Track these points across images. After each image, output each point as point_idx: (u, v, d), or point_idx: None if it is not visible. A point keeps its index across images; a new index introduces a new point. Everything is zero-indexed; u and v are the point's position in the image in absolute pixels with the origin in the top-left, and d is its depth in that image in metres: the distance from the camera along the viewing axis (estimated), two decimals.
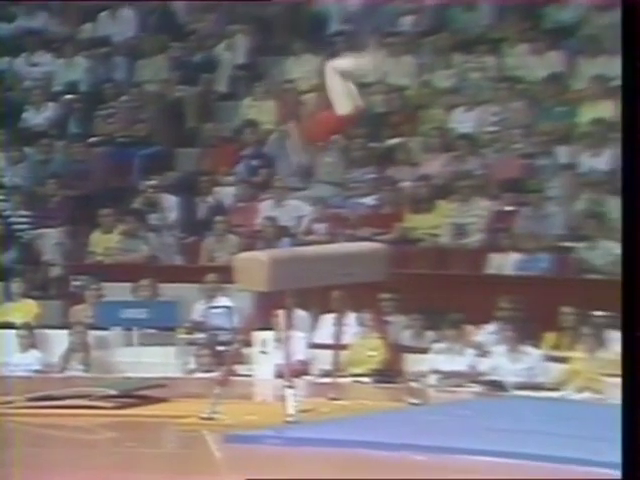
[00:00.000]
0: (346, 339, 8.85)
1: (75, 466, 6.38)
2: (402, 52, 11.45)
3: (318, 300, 9.01)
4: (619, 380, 8.17)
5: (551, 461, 6.53)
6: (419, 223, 10.18)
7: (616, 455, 6.54)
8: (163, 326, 9.60)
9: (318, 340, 9.26)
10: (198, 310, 9.87)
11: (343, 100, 6.77)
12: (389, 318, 9.04)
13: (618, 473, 6.25)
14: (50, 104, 12.07)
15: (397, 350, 8.57)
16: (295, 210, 10.58)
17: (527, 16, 11.29)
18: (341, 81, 6.79)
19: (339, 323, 8.47)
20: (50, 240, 10.93)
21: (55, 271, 10.72)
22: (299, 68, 11.75)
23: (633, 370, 3.76)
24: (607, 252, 9.42)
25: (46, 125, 11.96)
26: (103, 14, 12.59)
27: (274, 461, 6.73)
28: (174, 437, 7.51)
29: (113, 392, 7.87)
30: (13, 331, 9.86)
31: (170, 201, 11.03)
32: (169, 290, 9.89)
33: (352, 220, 10.30)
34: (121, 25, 12.53)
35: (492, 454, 6.65)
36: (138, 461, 6.71)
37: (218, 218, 10.61)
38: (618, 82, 10.60)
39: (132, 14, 12.52)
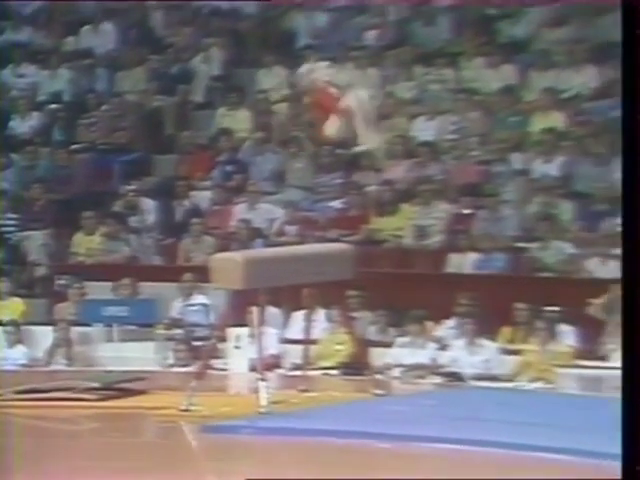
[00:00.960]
0: (315, 334, 8.85)
1: (59, 455, 6.33)
2: (367, 65, 11.45)
3: (289, 298, 8.99)
4: (569, 371, 8.28)
5: (507, 447, 6.56)
6: (384, 225, 10.19)
7: (570, 441, 6.58)
8: (142, 323, 9.55)
9: (289, 335, 9.25)
10: (176, 307, 9.83)
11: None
12: (356, 314, 9.04)
13: (573, 458, 6.28)
14: (35, 113, 11.99)
15: (363, 344, 8.57)
16: (267, 213, 10.55)
17: (483, 31, 11.34)
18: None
19: (309, 319, 8.46)
20: (35, 242, 10.85)
21: (40, 271, 10.65)
22: (270, 79, 11.73)
23: (633, 372, 3.66)
24: (558, 251, 9.48)
25: (31, 133, 11.88)
26: (85, 28, 12.53)
27: (248, 450, 6.71)
28: (153, 428, 7.47)
29: (95, 385, 7.82)
30: (1, 328, 9.78)
31: (149, 204, 10.98)
32: (148, 289, 9.85)
33: (321, 222, 10.30)
34: (102, 38, 12.47)
35: (452, 442, 6.67)
36: (119, 450, 6.67)
37: (194, 220, 10.57)
38: (567, 94, 10.70)
39: (113, 28, 12.47)
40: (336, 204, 10.47)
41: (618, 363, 8.66)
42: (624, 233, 3.89)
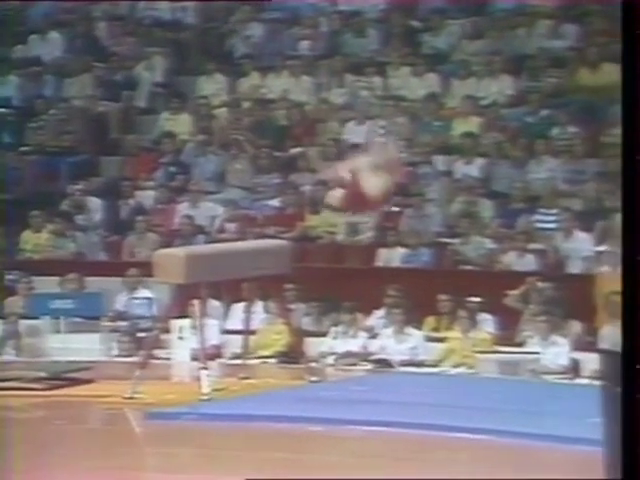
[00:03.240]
0: (254, 325, 8.73)
1: (9, 442, 6.12)
2: (301, 73, 11.36)
3: (230, 291, 8.87)
4: (489, 356, 8.29)
5: (433, 429, 6.52)
6: (318, 222, 10.10)
7: (490, 422, 6.58)
8: (88, 315, 9.33)
9: (230, 326, 9.11)
10: (121, 301, 9.62)
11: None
12: (292, 306, 8.94)
13: (493, 437, 6.27)
14: None
15: (299, 334, 8.49)
16: (209, 211, 10.40)
17: (408, 43, 11.32)
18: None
19: (248, 311, 8.35)
20: None
21: None
22: (211, 86, 11.57)
23: (633, 378, 3.55)
24: (479, 246, 9.49)
25: None
26: (33, 37, 12.23)
27: (191, 435, 6.58)
28: (99, 415, 7.33)
29: (43, 375, 7.63)
30: None
31: (95, 203, 10.76)
32: (94, 283, 9.64)
33: (259, 220, 10.18)
34: (50, 47, 12.19)
35: (381, 424, 6.62)
36: (66, 437, 6.50)
37: (139, 218, 10.36)
38: (486, 101, 10.73)
39: (59, 37, 12.20)
40: (274, 203, 10.36)
41: (533, 348, 8.76)
42: (624, 233, 3.73)
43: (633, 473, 3.53)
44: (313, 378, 7.91)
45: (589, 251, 9.16)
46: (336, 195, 6.73)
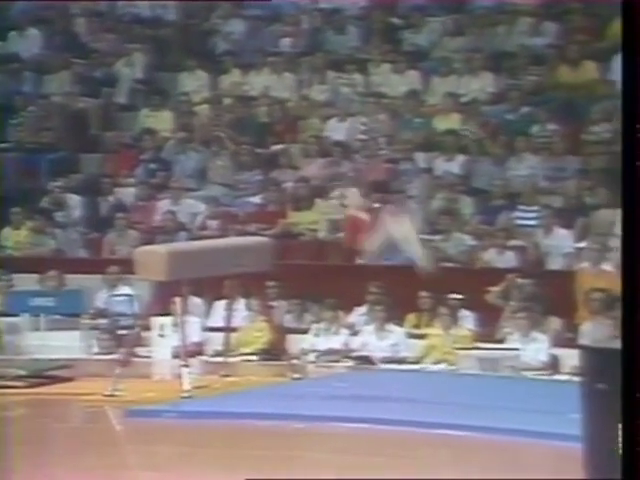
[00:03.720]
0: (236, 323, 8.71)
1: None
2: (283, 69, 11.34)
3: (211, 288, 8.84)
4: (470, 352, 8.32)
5: (414, 426, 6.54)
6: (300, 219, 10.09)
7: (470, 419, 6.61)
8: (68, 313, 9.29)
9: (211, 324, 9.09)
10: (101, 298, 9.58)
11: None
12: (274, 303, 8.93)
13: (475, 434, 6.29)
14: None
15: (281, 331, 8.47)
16: (190, 208, 10.37)
17: (389, 40, 11.33)
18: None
19: (230, 308, 8.34)
20: None
21: None
22: (192, 82, 11.53)
23: (633, 377, 3.55)
24: (459, 243, 9.51)
25: None
26: (12, 33, 12.15)
27: (172, 433, 6.56)
28: (80, 413, 7.29)
29: (23, 373, 7.59)
30: None
31: (75, 200, 10.70)
32: (74, 280, 9.58)
33: (241, 217, 10.15)
34: (29, 43, 12.11)
35: (363, 421, 6.63)
36: (47, 435, 6.46)
37: (119, 215, 10.32)
38: (466, 98, 10.76)
39: (39, 34, 12.12)
40: (255, 200, 10.34)
41: (513, 345, 8.79)
42: (624, 233, 3.70)
43: (633, 473, 3.52)
44: (295, 375, 7.90)
45: (569, 248, 9.20)
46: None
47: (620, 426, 3.67)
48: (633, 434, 3.52)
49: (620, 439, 3.67)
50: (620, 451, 3.65)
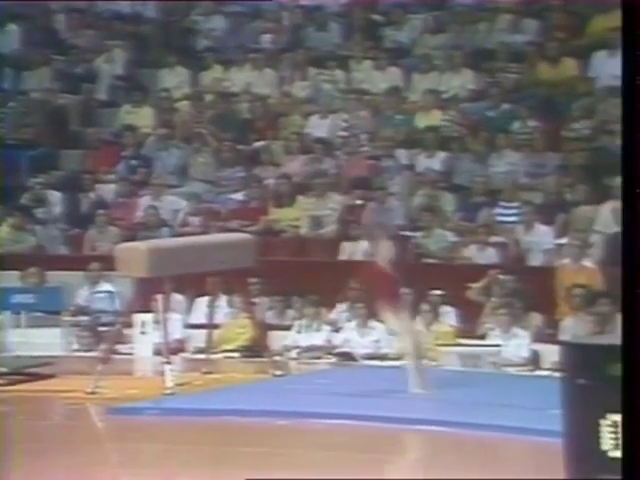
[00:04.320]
0: (218, 319, 8.69)
1: None
2: (264, 66, 11.32)
3: (193, 285, 8.82)
4: (451, 349, 8.34)
5: (397, 422, 6.56)
6: (282, 216, 10.08)
7: (452, 414, 6.63)
8: (49, 310, 9.24)
9: (193, 321, 9.06)
10: (82, 295, 9.53)
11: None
12: (256, 300, 8.91)
13: (455, 430, 6.32)
14: None
15: (263, 328, 8.46)
16: (171, 205, 10.34)
17: (370, 36, 11.34)
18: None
19: (212, 305, 8.32)
20: None
21: None
22: (172, 79, 11.49)
23: (633, 375, 3.55)
24: (440, 239, 9.53)
25: None
26: None
27: (154, 430, 6.55)
28: (61, 410, 7.25)
29: (4, 370, 7.54)
30: None
31: (55, 197, 10.64)
32: (55, 277, 9.54)
33: (223, 214, 10.13)
34: (8, 39, 12.02)
35: (346, 417, 6.63)
36: (28, 433, 6.43)
37: (100, 212, 10.27)
38: (447, 95, 10.78)
39: (18, 30, 12.04)
40: (237, 196, 10.32)
41: (494, 341, 8.82)
42: (624, 232, 3.69)
43: (633, 473, 3.51)
44: (277, 372, 7.90)
45: (550, 244, 9.24)
46: None
47: (601, 422, 3.69)
48: (633, 434, 3.51)
49: (601, 435, 3.69)
50: (602, 447, 3.68)
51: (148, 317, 8.40)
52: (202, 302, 8.86)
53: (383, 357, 8.62)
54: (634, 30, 3.68)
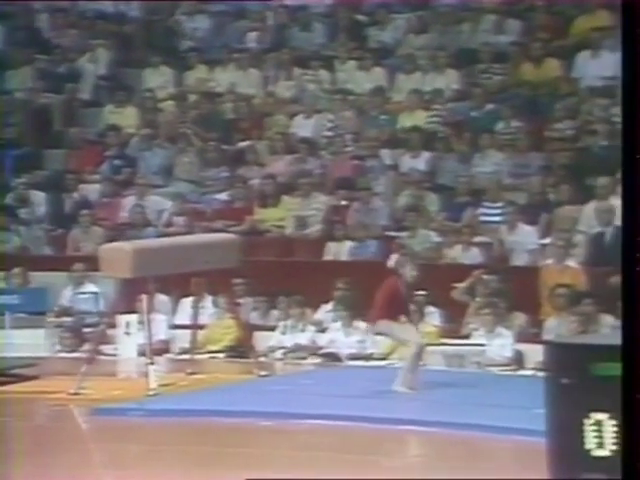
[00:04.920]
0: (203, 320, 8.68)
1: None
2: (249, 66, 11.31)
3: (178, 285, 8.80)
4: (436, 348, 8.36)
5: (382, 422, 6.56)
6: (266, 216, 10.08)
7: (437, 414, 6.64)
8: (33, 311, 9.20)
9: (178, 321, 9.04)
10: (66, 296, 9.50)
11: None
12: (241, 300, 8.91)
13: (437, 430, 6.33)
14: None
15: (248, 329, 8.46)
16: (156, 205, 10.31)
17: (354, 37, 11.35)
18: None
19: (196, 306, 8.30)
20: None
21: None
22: (156, 79, 11.47)
23: (633, 378, 3.54)
24: (425, 239, 9.55)
25: None
26: None
27: (138, 431, 6.53)
28: (45, 411, 7.22)
29: None
30: None
31: (39, 197, 10.60)
32: (39, 278, 9.50)
33: (208, 214, 10.12)
34: None
35: (330, 418, 6.63)
36: (12, 434, 6.41)
37: (84, 212, 10.24)
38: (431, 95, 10.80)
39: (1, 29, 11.97)
40: (222, 196, 10.31)
41: (479, 341, 8.83)
42: (624, 232, 3.67)
43: (633, 473, 3.51)
44: (262, 372, 7.89)
45: (533, 244, 9.28)
46: None
47: (585, 421, 3.71)
48: (633, 434, 3.50)
49: (585, 434, 3.70)
50: (585, 446, 3.69)
51: (132, 318, 8.38)
52: (187, 303, 8.84)
53: (368, 357, 8.63)
54: (634, 30, 3.65)
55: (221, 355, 8.74)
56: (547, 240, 9.12)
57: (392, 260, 7.42)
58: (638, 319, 3.59)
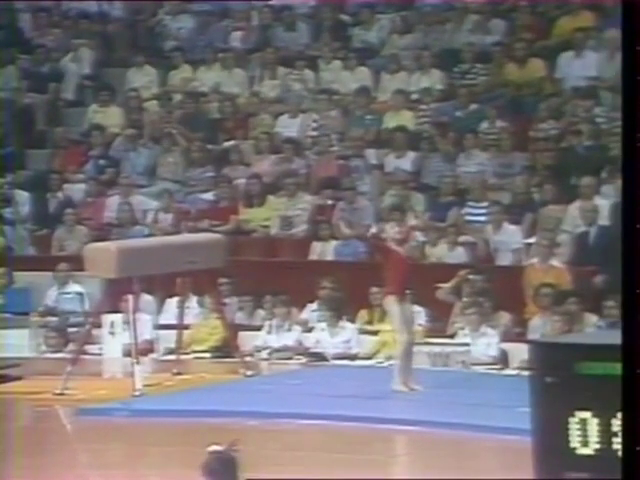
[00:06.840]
0: (188, 320, 8.67)
1: None
2: (233, 65, 11.30)
3: (163, 285, 8.78)
4: (421, 348, 8.39)
5: (368, 421, 6.58)
6: (252, 216, 10.07)
7: (422, 413, 6.65)
8: (17, 311, 9.16)
9: (163, 321, 9.02)
10: (51, 296, 9.46)
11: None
12: (226, 300, 8.90)
13: (423, 429, 6.34)
14: None
15: (234, 329, 8.45)
16: (140, 205, 10.28)
17: (339, 37, 11.36)
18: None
19: (182, 306, 8.29)
20: None
21: None
22: (140, 78, 11.44)
23: (633, 378, 3.53)
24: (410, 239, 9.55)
25: None
26: None
27: (123, 431, 6.52)
28: (29, 412, 7.20)
29: None
30: None
31: (23, 197, 10.55)
32: (23, 278, 9.46)
33: (193, 214, 10.10)
34: None
35: (316, 417, 6.64)
36: None
37: (68, 211, 10.20)
38: (416, 96, 10.82)
39: None
40: (207, 196, 10.29)
41: (464, 340, 8.85)
42: (624, 232, 3.65)
43: (633, 473, 3.49)
44: (248, 372, 7.89)
45: (518, 243, 9.31)
46: None
47: (570, 419, 3.73)
48: (633, 433, 3.49)
49: (570, 432, 3.72)
50: (570, 444, 3.71)
51: (117, 318, 8.36)
52: (172, 303, 8.83)
53: (354, 357, 8.64)
54: (634, 29, 3.64)
55: (207, 355, 8.73)
56: (532, 239, 9.15)
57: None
58: (638, 319, 3.59)
